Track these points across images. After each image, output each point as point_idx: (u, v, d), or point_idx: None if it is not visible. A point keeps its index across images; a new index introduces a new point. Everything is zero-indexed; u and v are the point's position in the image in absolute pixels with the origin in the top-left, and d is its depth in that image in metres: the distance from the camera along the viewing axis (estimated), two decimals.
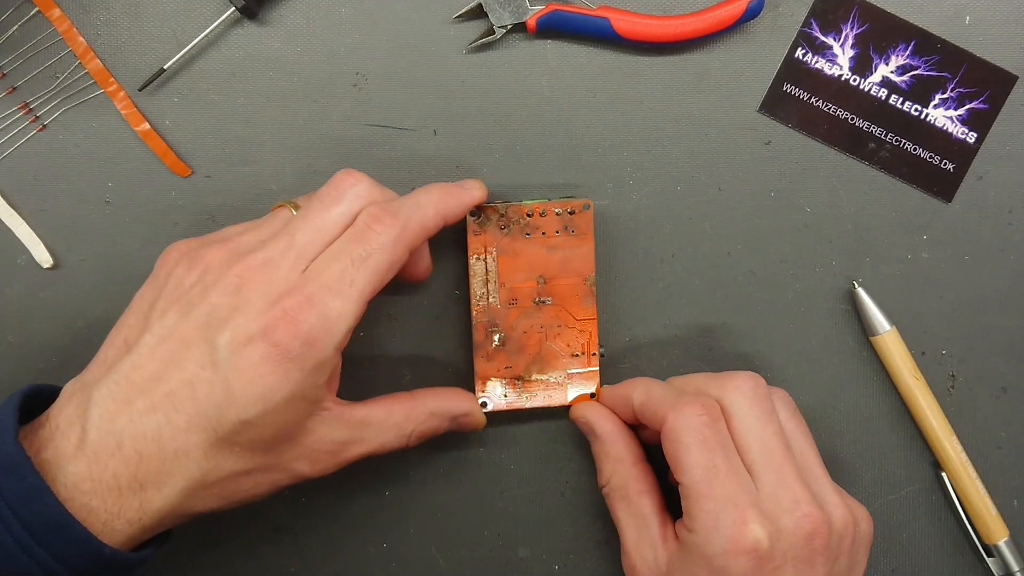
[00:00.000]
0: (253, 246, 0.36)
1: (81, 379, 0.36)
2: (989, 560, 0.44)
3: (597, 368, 0.43)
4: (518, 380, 0.43)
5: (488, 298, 0.42)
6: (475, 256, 0.42)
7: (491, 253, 0.42)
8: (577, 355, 0.43)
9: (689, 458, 0.36)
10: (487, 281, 0.42)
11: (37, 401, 0.36)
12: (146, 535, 0.35)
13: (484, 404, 0.43)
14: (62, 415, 0.35)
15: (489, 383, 0.43)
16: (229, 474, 0.35)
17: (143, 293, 0.38)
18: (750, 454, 0.37)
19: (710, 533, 0.35)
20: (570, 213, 0.42)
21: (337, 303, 0.35)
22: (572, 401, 0.43)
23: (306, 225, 0.36)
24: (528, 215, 0.42)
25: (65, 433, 0.34)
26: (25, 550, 0.32)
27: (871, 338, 0.44)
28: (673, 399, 0.38)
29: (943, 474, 0.44)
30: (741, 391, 0.38)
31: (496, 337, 0.42)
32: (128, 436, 0.34)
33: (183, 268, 0.36)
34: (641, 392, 0.40)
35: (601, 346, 0.44)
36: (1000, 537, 0.44)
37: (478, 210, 0.42)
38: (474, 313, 0.42)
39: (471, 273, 0.42)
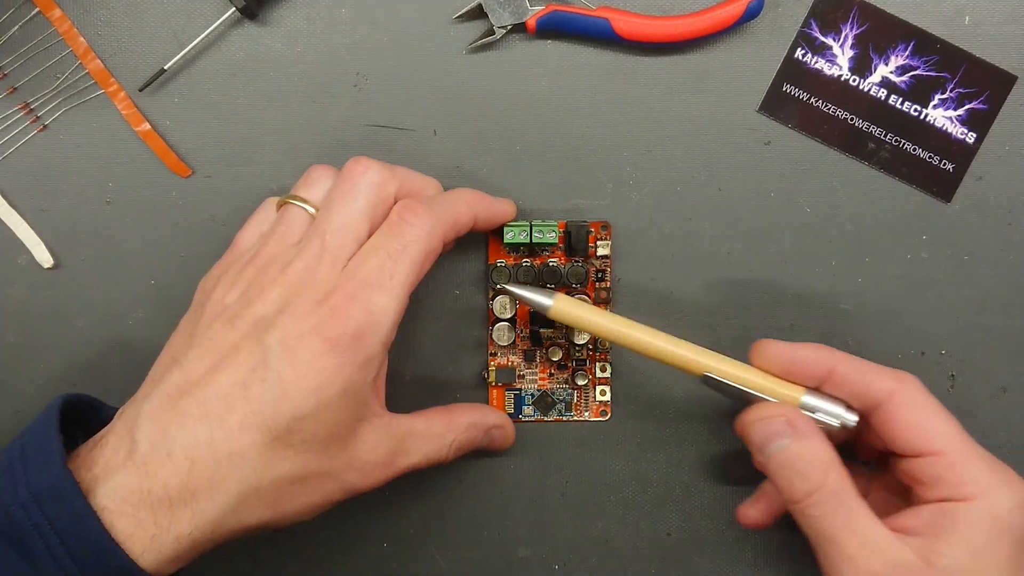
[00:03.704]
0: (286, 255, 0.36)
1: (133, 399, 0.36)
2: None
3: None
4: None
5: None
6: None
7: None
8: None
9: (942, 424, 0.36)
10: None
11: (79, 412, 0.36)
12: (194, 553, 0.34)
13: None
14: (112, 432, 0.34)
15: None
16: (283, 478, 0.35)
17: (187, 319, 0.38)
18: None
19: (996, 491, 0.35)
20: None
21: (380, 298, 0.35)
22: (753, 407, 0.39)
23: (332, 225, 0.36)
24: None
25: (115, 448, 0.34)
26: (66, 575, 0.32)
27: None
28: (891, 370, 0.38)
29: None
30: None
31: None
32: (179, 443, 0.33)
33: (222, 289, 0.37)
34: (845, 360, 0.38)
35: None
36: None
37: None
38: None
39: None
